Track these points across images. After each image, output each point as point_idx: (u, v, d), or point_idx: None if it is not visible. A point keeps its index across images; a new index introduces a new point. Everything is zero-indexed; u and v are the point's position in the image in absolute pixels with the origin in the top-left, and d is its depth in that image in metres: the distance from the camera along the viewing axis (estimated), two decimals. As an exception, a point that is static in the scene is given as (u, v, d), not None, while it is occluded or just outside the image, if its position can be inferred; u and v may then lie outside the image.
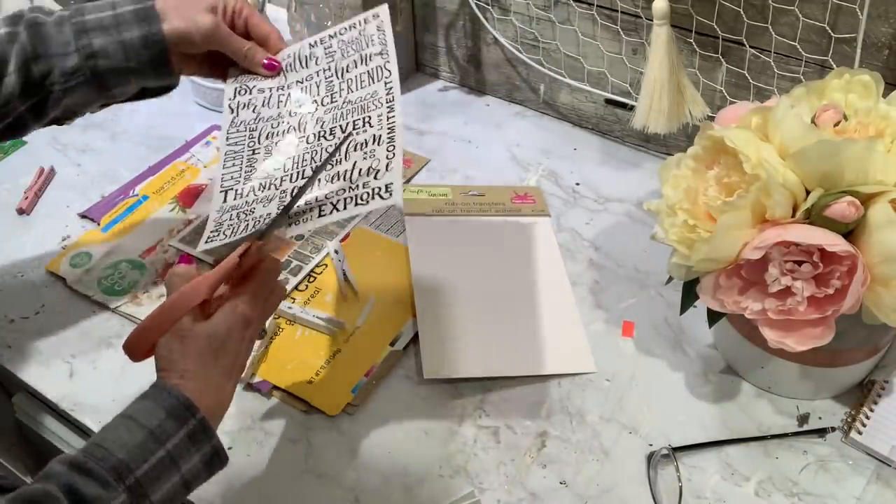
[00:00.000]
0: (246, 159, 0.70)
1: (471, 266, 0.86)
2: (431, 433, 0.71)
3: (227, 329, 0.58)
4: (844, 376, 0.71)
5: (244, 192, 0.67)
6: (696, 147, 0.66)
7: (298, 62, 0.75)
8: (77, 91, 0.69)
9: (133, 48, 0.68)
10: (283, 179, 0.67)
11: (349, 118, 0.68)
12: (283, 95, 0.73)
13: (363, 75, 0.71)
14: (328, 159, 0.65)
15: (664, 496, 0.66)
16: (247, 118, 0.73)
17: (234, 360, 0.58)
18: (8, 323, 0.82)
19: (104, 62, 0.68)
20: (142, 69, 0.70)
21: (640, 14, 0.90)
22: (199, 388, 0.56)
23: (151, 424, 0.53)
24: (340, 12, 1.03)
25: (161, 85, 0.74)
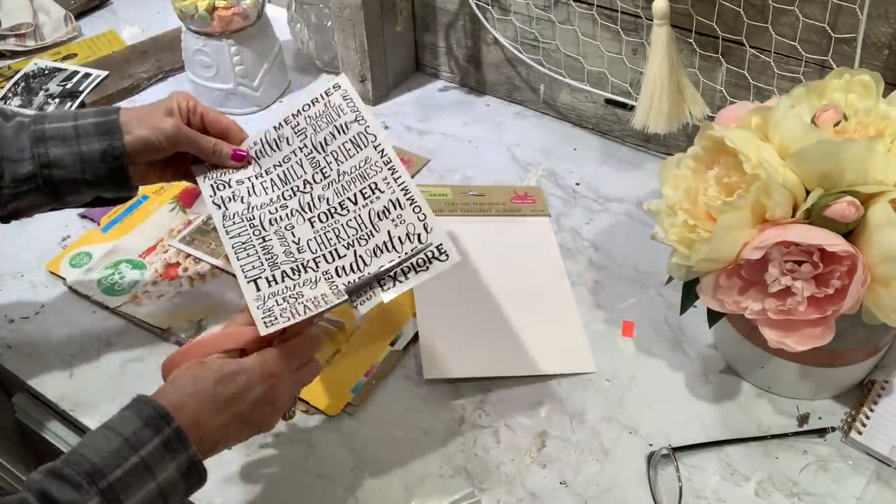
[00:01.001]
0: (259, 248, 0.68)
1: (470, 266, 0.86)
2: (431, 433, 0.71)
3: (239, 369, 0.59)
4: (844, 376, 0.71)
5: (276, 277, 0.66)
6: (696, 147, 0.66)
7: (268, 147, 0.75)
8: (28, 196, 0.69)
9: (91, 161, 0.68)
10: (318, 261, 0.66)
11: (353, 189, 0.69)
12: (266, 182, 0.73)
13: (346, 144, 0.71)
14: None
15: (664, 496, 0.66)
16: (238, 209, 0.71)
17: (233, 398, 0.58)
18: (8, 323, 0.82)
19: (59, 172, 0.68)
20: (98, 181, 0.70)
21: (640, 14, 0.90)
22: (178, 403, 0.56)
23: (127, 432, 0.54)
24: (340, 12, 1.03)
25: (117, 196, 0.74)
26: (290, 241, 0.68)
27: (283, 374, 0.61)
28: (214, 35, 1.04)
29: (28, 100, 1.12)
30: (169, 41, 1.21)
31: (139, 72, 1.16)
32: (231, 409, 0.58)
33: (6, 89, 1.13)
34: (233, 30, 1.03)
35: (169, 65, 1.18)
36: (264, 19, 1.08)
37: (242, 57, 1.05)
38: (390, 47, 1.09)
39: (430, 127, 1.07)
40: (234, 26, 1.03)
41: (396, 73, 1.13)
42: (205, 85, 1.08)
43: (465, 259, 0.86)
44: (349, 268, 0.65)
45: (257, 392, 0.59)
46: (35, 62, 1.18)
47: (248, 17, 1.04)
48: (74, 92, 1.12)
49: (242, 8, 1.03)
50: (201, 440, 0.57)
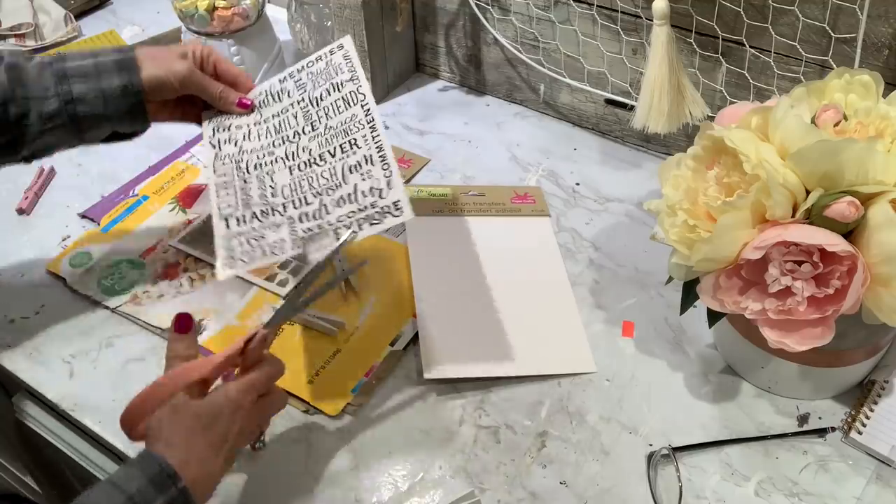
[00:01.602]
0: (238, 189, 0.73)
1: (471, 266, 0.86)
2: (431, 433, 0.71)
3: (218, 408, 0.58)
4: (844, 376, 0.71)
5: (246, 218, 0.70)
6: (696, 147, 0.66)
7: (271, 97, 0.79)
8: (53, 133, 0.71)
9: (112, 97, 0.71)
10: (286, 206, 0.70)
11: (335, 142, 0.72)
12: (262, 129, 0.77)
13: (338, 101, 0.74)
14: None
15: (664, 496, 0.66)
16: (230, 152, 0.76)
17: (223, 438, 0.58)
18: (8, 323, 0.82)
19: (83, 108, 0.71)
20: (118, 116, 0.73)
21: (640, 14, 0.90)
22: (183, 458, 0.56)
23: (131, 490, 0.53)
24: (340, 12, 1.03)
25: (133, 130, 0.77)
26: (268, 185, 0.72)
27: (250, 405, 0.60)
28: (214, 35, 1.04)
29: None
30: (169, 41, 1.21)
31: (139, 72, 1.16)
32: (223, 448, 0.58)
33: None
34: (233, 30, 1.04)
35: (169, 65, 1.18)
36: (264, 19, 1.08)
37: (242, 57, 1.05)
38: (390, 47, 1.09)
39: (430, 127, 1.07)
40: (234, 26, 1.03)
41: (396, 73, 1.13)
42: (205, 85, 1.08)
43: (466, 259, 0.86)
44: (312, 215, 0.68)
45: (236, 426, 0.59)
46: (35, 62, 1.18)
47: (248, 17, 1.04)
48: (74, 92, 1.12)
49: (242, 8, 1.03)
50: (205, 492, 0.57)
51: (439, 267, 0.85)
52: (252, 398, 0.61)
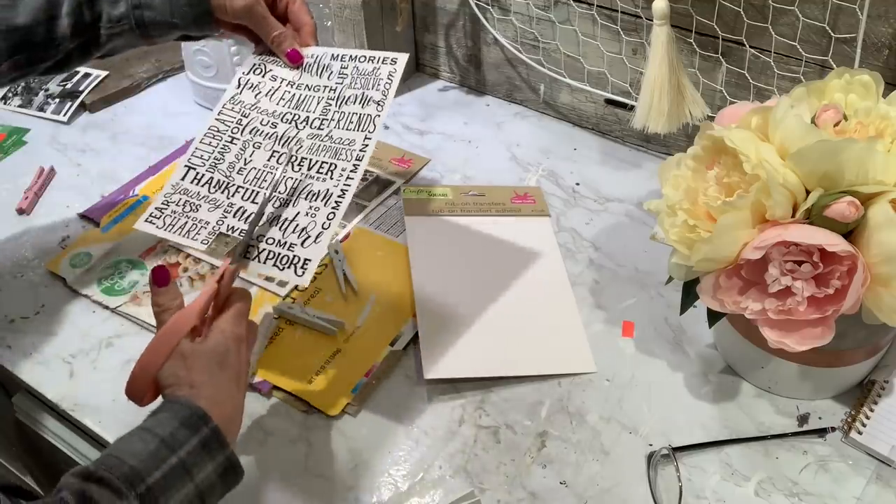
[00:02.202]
0: (222, 144, 0.74)
1: (471, 266, 0.86)
2: (431, 433, 0.71)
3: (224, 344, 0.60)
4: (844, 376, 0.71)
5: (202, 178, 0.72)
6: (696, 147, 0.66)
7: (316, 67, 0.78)
8: (122, 37, 0.74)
9: (178, 5, 0.73)
10: (239, 190, 0.71)
11: (321, 156, 0.71)
12: (287, 94, 0.76)
13: (354, 116, 0.73)
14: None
15: (664, 496, 0.66)
16: (246, 100, 0.77)
17: (238, 371, 0.60)
18: (8, 323, 0.82)
19: (149, 13, 0.73)
20: (184, 24, 0.74)
21: (640, 14, 0.90)
22: (210, 398, 0.56)
23: (164, 433, 0.53)
24: (340, 12, 1.03)
25: (203, 35, 0.78)
26: (244, 158, 0.73)
27: (245, 333, 0.62)
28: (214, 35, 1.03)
29: (28, 99, 1.12)
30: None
31: (139, 72, 1.16)
32: (241, 381, 0.60)
33: (6, 89, 1.13)
34: (233, 30, 1.03)
35: (169, 65, 1.18)
36: (264, 19, 1.08)
37: (242, 57, 1.05)
38: (390, 47, 1.09)
39: (430, 127, 1.07)
40: (234, 26, 1.03)
41: (396, 73, 1.13)
42: (205, 85, 1.08)
43: (466, 259, 0.86)
44: (245, 217, 0.69)
45: (243, 356, 0.61)
46: (35, 62, 1.17)
47: (248, 17, 1.03)
48: (74, 92, 1.12)
49: (242, 8, 1.02)
50: (232, 430, 0.57)
51: (439, 267, 0.85)
52: (244, 327, 0.62)
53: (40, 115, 1.10)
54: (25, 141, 1.06)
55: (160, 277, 0.62)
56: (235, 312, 0.62)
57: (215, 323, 0.61)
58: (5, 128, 1.09)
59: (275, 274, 0.66)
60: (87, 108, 1.11)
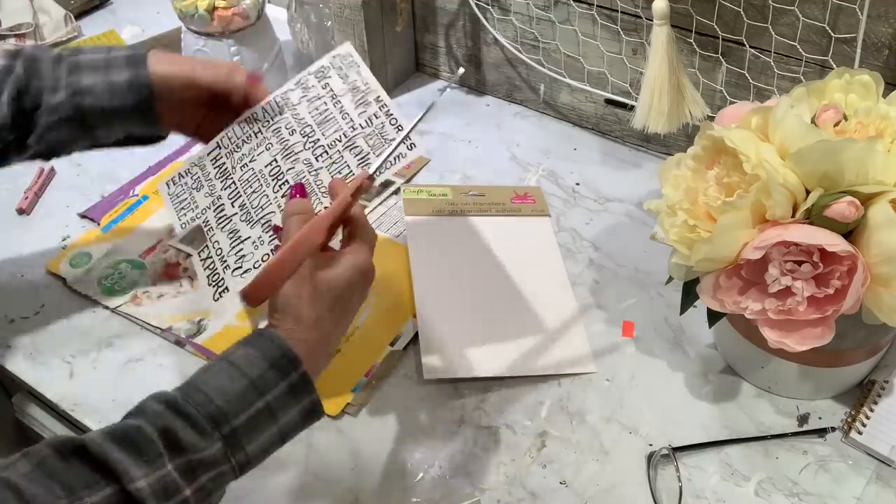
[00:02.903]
0: (248, 134, 0.74)
1: (471, 266, 0.86)
2: (431, 433, 0.71)
3: (349, 279, 0.59)
4: (844, 376, 0.71)
5: (218, 160, 0.73)
6: (696, 147, 0.66)
7: (360, 97, 0.74)
8: (61, 127, 0.70)
9: (119, 90, 0.70)
10: (231, 186, 0.72)
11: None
12: (323, 107, 0.74)
13: (345, 168, 0.70)
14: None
15: (664, 496, 0.66)
16: (292, 99, 0.75)
17: (345, 312, 0.59)
18: (8, 323, 0.82)
19: (89, 100, 0.70)
20: (126, 113, 0.71)
21: (640, 14, 0.90)
22: (308, 338, 0.56)
23: (253, 374, 0.53)
24: (340, 12, 1.03)
25: (147, 134, 0.75)
26: (252, 154, 0.73)
27: (370, 257, 0.61)
28: (214, 35, 1.04)
29: (28, 100, 1.12)
30: (169, 41, 1.21)
31: (139, 72, 1.16)
32: (344, 324, 0.59)
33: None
34: (233, 30, 1.03)
35: (169, 65, 1.18)
36: (264, 19, 1.08)
37: (242, 57, 1.05)
38: (390, 47, 1.09)
39: (430, 127, 1.07)
40: (234, 26, 1.03)
41: (396, 73, 1.13)
42: (205, 85, 1.08)
43: (466, 259, 0.86)
44: (221, 218, 0.71)
45: (362, 294, 0.60)
46: (35, 62, 1.18)
47: (248, 17, 1.04)
48: (74, 92, 1.12)
49: (242, 8, 1.02)
50: (320, 371, 0.57)
51: (439, 267, 0.85)
52: (373, 247, 0.61)
53: (40, 115, 1.10)
54: (25, 141, 1.06)
55: (299, 192, 0.64)
56: (368, 245, 0.60)
57: (353, 245, 0.60)
58: (5, 128, 1.09)
59: (201, 280, 0.67)
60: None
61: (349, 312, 0.60)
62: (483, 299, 0.82)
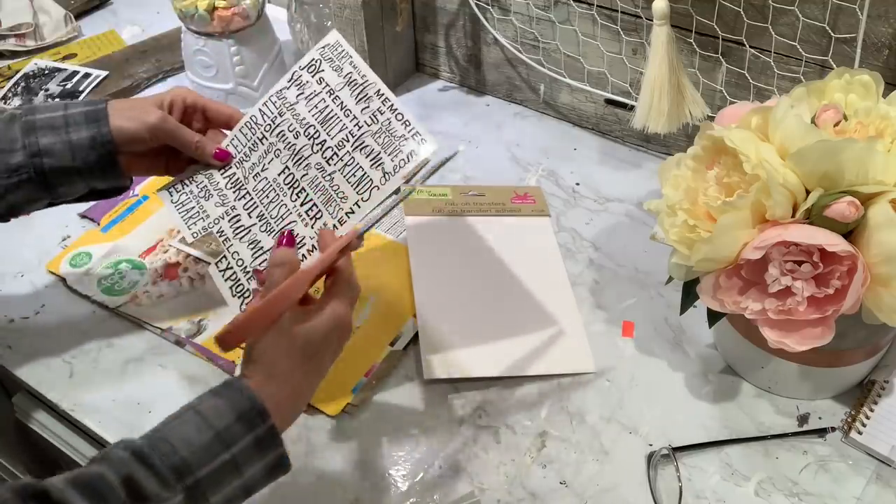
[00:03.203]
0: (254, 140, 0.74)
1: (471, 266, 0.86)
2: (431, 433, 0.71)
3: (326, 333, 0.57)
4: (844, 376, 0.71)
5: (227, 170, 0.73)
6: (696, 147, 0.66)
7: (360, 90, 0.72)
8: (20, 189, 0.69)
9: (80, 149, 0.69)
10: (246, 197, 0.73)
11: (316, 195, 0.70)
12: (322, 104, 0.73)
13: (359, 170, 0.69)
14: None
15: (664, 496, 0.66)
16: (289, 97, 0.74)
17: (319, 367, 0.58)
18: (8, 323, 0.82)
19: (49, 161, 0.68)
20: (89, 170, 0.70)
21: (640, 14, 0.90)
22: (279, 392, 0.55)
23: (220, 426, 0.52)
24: (340, 12, 1.03)
25: (111, 186, 0.74)
26: (263, 163, 0.74)
27: (349, 312, 0.60)
28: (214, 35, 1.04)
29: (28, 99, 1.12)
30: (169, 41, 1.21)
31: (139, 72, 1.16)
32: (322, 376, 0.58)
33: (6, 89, 1.13)
34: (233, 30, 1.03)
35: (169, 65, 1.18)
36: (264, 19, 1.08)
37: (242, 57, 1.05)
38: (390, 47, 1.09)
39: (430, 127, 1.07)
40: (234, 26, 1.03)
41: (396, 73, 1.13)
42: (205, 85, 1.08)
43: (466, 259, 0.86)
44: (237, 227, 0.72)
45: (338, 347, 0.59)
46: (35, 62, 1.18)
47: (248, 17, 1.04)
48: (74, 92, 1.12)
49: (242, 8, 1.02)
50: (289, 422, 0.56)
51: (439, 267, 0.85)
52: (353, 300, 0.60)
53: (40, 115, 1.10)
54: (25, 141, 1.06)
55: (286, 241, 0.63)
56: (350, 294, 0.59)
57: (332, 302, 0.58)
58: (5, 128, 1.09)
59: (224, 293, 0.67)
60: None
61: (322, 368, 0.59)
62: (483, 299, 0.82)
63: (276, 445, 0.54)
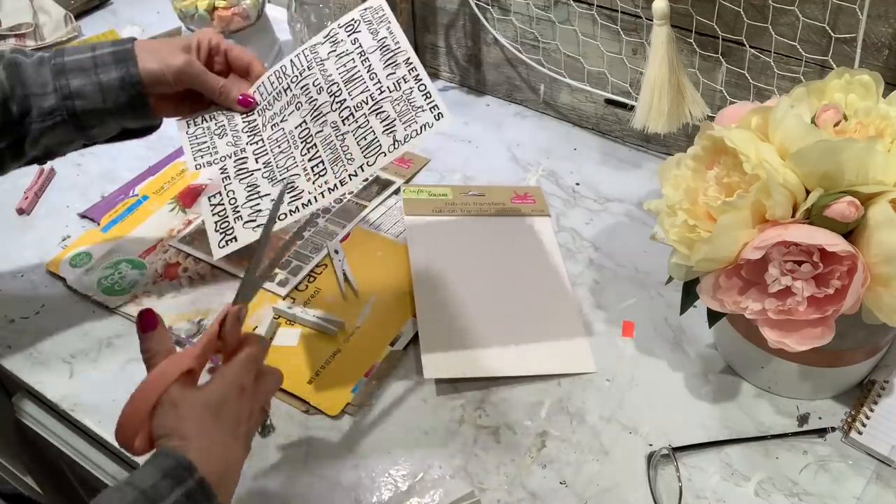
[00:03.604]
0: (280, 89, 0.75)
1: (471, 266, 0.86)
2: (431, 433, 0.71)
3: (222, 393, 0.55)
4: (844, 376, 0.71)
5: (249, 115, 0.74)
6: (696, 147, 0.66)
7: (390, 56, 0.72)
8: (55, 131, 0.70)
9: (111, 90, 0.70)
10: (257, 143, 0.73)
11: (325, 153, 0.70)
12: (351, 64, 0.73)
13: (370, 134, 0.69)
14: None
15: (664, 496, 0.66)
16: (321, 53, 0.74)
17: (236, 422, 0.56)
18: (8, 323, 0.82)
19: (81, 103, 0.69)
20: (120, 110, 0.71)
21: (640, 14, 0.90)
22: (202, 449, 0.53)
23: (145, 485, 0.50)
24: (340, 12, 1.03)
25: (142, 126, 0.75)
26: (283, 114, 0.74)
27: (251, 385, 0.58)
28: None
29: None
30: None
31: (139, 72, 1.16)
32: (239, 433, 0.56)
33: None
34: (233, 30, 1.04)
35: (169, 65, 1.18)
36: (264, 19, 1.08)
37: (242, 57, 1.05)
38: (390, 47, 1.09)
39: (430, 127, 1.07)
40: (234, 26, 1.03)
41: (396, 73, 1.13)
42: (205, 85, 1.08)
43: (466, 259, 0.86)
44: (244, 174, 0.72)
45: (246, 408, 0.57)
46: (35, 62, 1.18)
47: (248, 17, 1.04)
48: (74, 92, 1.12)
49: (242, 8, 1.03)
50: (226, 485, 0.54)
51: (439, 267, 0.85)
52: (251, 377, 0.58)
53: (40, 115, 1.10)
54: (25, 141, 1.06)
55: (147, 323, 0.57)
56: (244, 358, 0.57)
57: (220, 369, 0.57)
58: (5, 128, 1.09)
59: (208, 226, 0.67)
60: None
61: (235, 419, 0.56)
62: (483, 299, 0.82)
63: (208, 499, 0.52)
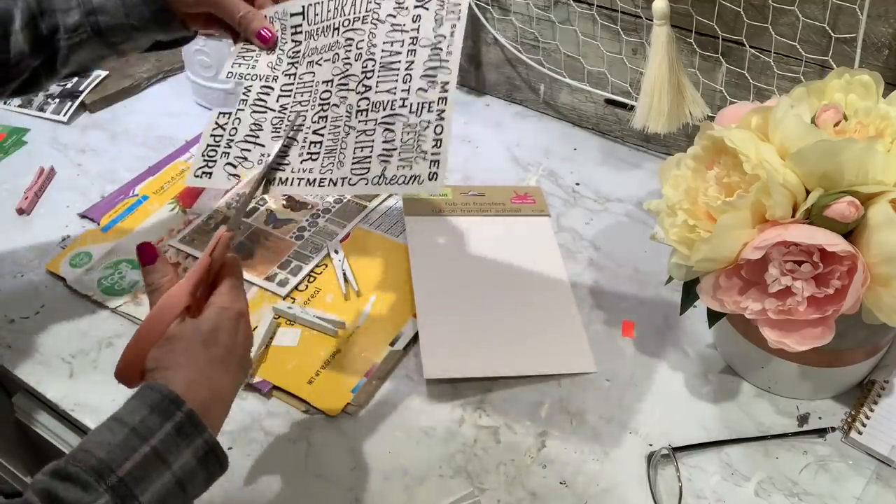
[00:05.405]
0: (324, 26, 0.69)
1: (471, 266, 0.86)
2: (431, 433, 0.71)
3: (216, 319, 0.56)
4: (844, 376, 0.71)
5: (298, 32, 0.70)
6: (696, 147, 0.66)
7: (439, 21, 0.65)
8: (84, 47, 0.70)
9: (133, 5, 0.69)
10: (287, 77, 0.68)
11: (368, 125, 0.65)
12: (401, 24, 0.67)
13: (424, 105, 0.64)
14: None
15: (664, 496, 0.66)
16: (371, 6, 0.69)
17: (228, 349, 0.56)
18: (8, 323, 0.82)
19: (104, 18, 0.69)
20: (145, 25, 0.70)
21: (640, 14, 0.90)
22: (188, 379, 0.53)
23: (134, 421, 0.50)
24: (340, 12, 1.03)
25: (176, 38, 0.74)
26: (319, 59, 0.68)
27: (245, 308, 0.58)
28: (214, 35, 1.03)
29: (28, 99, 1.12)
30: (169, 41, 1.21)
31: (139, 72, 1.16)
32: (232, 361, 0.56)
33: (6, 89, 1.13)
34: (233, 29, 1.03)
35: (169, 65, 1.18)
36: (264, 19, 1.08)
37: (242, 57, 1.05)
38: (390, 47, 1.09)
39: (430, 127, 1.07)
40: (235, 26, 1.03)
41: (396, 73, 1.13)
42: (205, 85, 1.08)
43: (466, 259, 0.86)
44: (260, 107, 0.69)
45: (240, 335, 0.57)
46: (35, 62, 1.18)
47: (248, 16, 1.03)
48: (74, 92, 1.12)
49: (242, 8, 1.02)
50: (214, 413, 0.54)
51: (439, 267, 0.85)
52: (243, 300, 0.58)
53: (40, 114, 1.10)
54: (25, 141, 1.06)
55: (146, 255, 0.57)
56: (230, 286, 0.58)
57: (211, 298, 0.57)
58: (5, 128, 1.09)
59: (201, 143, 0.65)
60: (87, 108, 1.11)
61: (227, 348, 0.56)
62: (483, 299, 0.82)
63: (199, 431, 0.52)
